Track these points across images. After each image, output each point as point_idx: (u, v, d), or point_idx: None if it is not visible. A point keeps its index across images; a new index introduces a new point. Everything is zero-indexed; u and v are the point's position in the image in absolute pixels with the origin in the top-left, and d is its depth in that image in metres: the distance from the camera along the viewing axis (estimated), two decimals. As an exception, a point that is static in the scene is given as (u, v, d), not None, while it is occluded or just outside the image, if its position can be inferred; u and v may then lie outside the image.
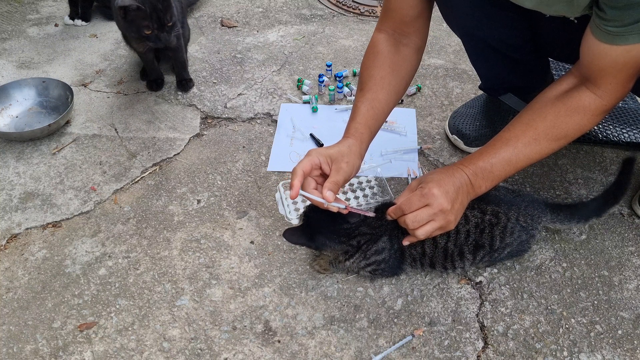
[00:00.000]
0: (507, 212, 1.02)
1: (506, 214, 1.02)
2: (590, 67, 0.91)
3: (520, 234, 1.03)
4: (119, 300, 1.07)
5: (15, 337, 1.02)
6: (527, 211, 1.04)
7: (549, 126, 0.95)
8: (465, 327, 1.02)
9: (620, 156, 1.36)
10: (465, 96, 1.56)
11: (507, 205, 1.03)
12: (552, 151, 0.98)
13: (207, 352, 0.99)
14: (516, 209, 1.03)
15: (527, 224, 1.04)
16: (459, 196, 0.94)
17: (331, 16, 1.96)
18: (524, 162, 0.97)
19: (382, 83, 1.05)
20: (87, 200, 1.27)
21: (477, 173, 0.96)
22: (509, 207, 1.03)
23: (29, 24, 1.92)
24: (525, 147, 0.96)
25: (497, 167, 0.96)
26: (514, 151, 0.96)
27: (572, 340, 1.00)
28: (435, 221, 0.93)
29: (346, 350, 0.99)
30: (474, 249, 1.02)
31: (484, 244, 1.02)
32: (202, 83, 1.63)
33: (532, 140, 0.95)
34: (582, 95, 0.93)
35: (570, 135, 0.96)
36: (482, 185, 0.96)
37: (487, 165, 0.96)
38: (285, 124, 1.47)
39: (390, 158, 1.36)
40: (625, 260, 1.13)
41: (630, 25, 0.79)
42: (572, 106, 0.94)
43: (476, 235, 1.01)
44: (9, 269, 1.13)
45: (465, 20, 1.13)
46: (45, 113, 1.52)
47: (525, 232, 1.04)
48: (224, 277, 1.11)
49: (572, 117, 0.94)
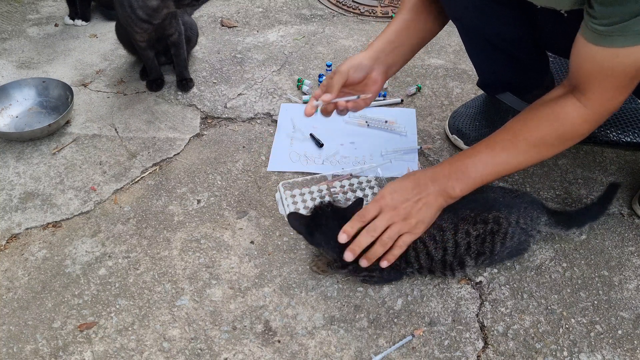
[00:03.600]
0: (508, 217, 1.02)
1: (507, 219, 1.01)
2: (578, 72, 0.89)
3: (520, 236, 1.04)
4: (119, 300, 1.07)
5: (15, 337, 1.02)
6: (527, 212, 1.04)
7: (528, 131, 0.94)
8: (465, 327, 1.02)
9: (620, 156, 1.36)
10: (465, 96, 1.56)
11: (508, 209, 1.02)
12: (532, 159, 0.96)
13: (207, 352, 0.99)
14: (516, 211, 1.03)
15: (527, 225, 1.04)
16: (420, 193, 0.94)
17: (331, 16, 1.96)
18: (502, 167, 0.96)
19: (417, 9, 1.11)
20: (87, 200, 1.27)
21: (450, 174, 0.95)
22: (510, 211, 1.02)
23: (29, 24, 1.92)
24: (503, 150, 0.95)
25: (472, 168, 0.95)
26: (491, 153, 0.95)
27: (572, 340, 1.00)
28: (396, 224, 0.93)
29: (346, 350, 0.99)
30: (476, 256, 1.03)
31: (485, 251, 1.02)
32: (202, 83, 1.63)
33: (510, 144, 0.94)
34: (566, 102, 0.91)
35: (549, 142, 0.94)
36: (455, 186, 0.95)
37: (462, 165, 0.95)
38: (285, 124, 1.47)
39: (390, 158, 1.36)
40: (625, 260, 1.13)
41: (617, 24, 0.77)
42: (554, 112, 0.92)
43: (477, 245, 1.01)
44: (9, 269, 1.13)
45: (464, 13, 1.13)
46: (45, 113, 1.52)
47: (525, 233, 1.04)
48: (224, 277, 1.11)
49: (552, 123, 0.92)
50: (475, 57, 1.31)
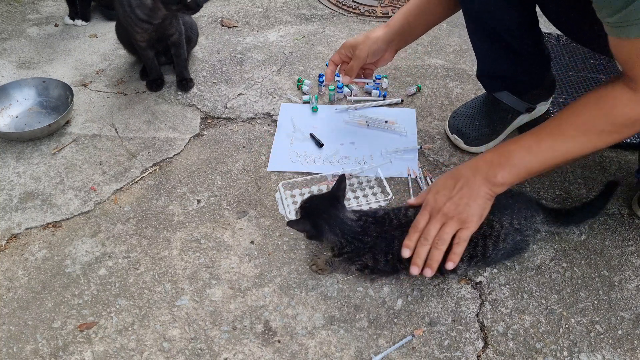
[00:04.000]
0: (501, 219, 1.01)
1: (500, 222, 1.00)
2: (619, 60, 0.88)
3: (514, 236, 1.03)
4: (119, 300, 1.07)
5: (15, 337, 1.02)
6: (521, 213, 1.03)
7: (575, 115, 0.90)
8: (465, 327, 1.02)
9: (620, 156, 1.36)
10: (465, 96, 1.56)
11: (501, 211, 1.01)
12: (583, 146, 0.91)
13: (207, 352, 0.99)
14: (510, 213, 1.02)
15: (521, 226, 1.03)
16: (462, 187, 0.93)
17: (331, 16, 1.96)
18: (549, 154, 0.91)
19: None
20: (87, 200, 1.27)
21: (492, 160, 0.93)
22: (503, 213, 1.01)
23: (29, 24, 1.92)
24: (549, 136, 0.91)
25: (516, 154, 0.91)
26: (536, 139, 0.92)
27: (572, 340, 1.00)
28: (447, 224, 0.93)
29: (346, 350, 0.99)
30: (468, 259, 1.02)
31: (477, 254, 1.02)
32: (202, 83, 1.63)
33: (557, 130, 0.90)
34: (614, 87, 0.88)
35: (599, 127, 0.89)
36: (497, 173, 0.92)
37: (505, 151, 0.93)
38: (285, 124, 1.47)
39: (390, 158, 1.36)
40: (625, 260, 1.13)
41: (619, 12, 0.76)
42: (601, 96, 0.89)
43: (469, 249, 1.00)
44: (9, 269, 1.13)
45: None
46: (45, 113, 1.52)
47: (520, 234, 1.03)
48: (224, 277, 1.11)
49: (600, 106, 0.88)
50: (478, 45, 1.30)
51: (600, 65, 1.66)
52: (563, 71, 1.63)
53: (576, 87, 1.57)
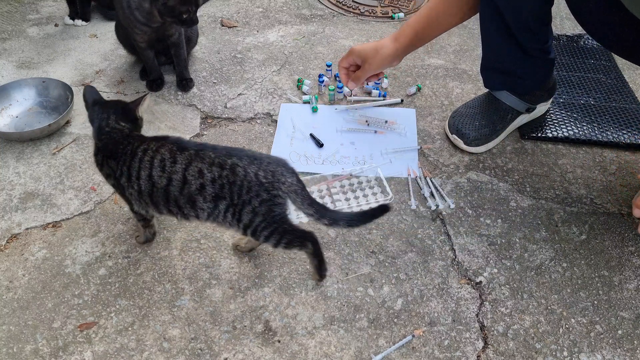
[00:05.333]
0: (246, 167, 0.95)
1: (244, 168, 0.95)
2: None
3: (259, 191, 0.95)
4: (119, 300, 1.07)
5: (15, 337, 1.02)
6: (269, 168, 0.96)
7: None
8: (465, 327, 1.02)
9: (620, 156, 1.36)
10: (465, 96, 1.56)
11: (249, 159, 0.96)
12: None
13: (207, 352, 0.99)
14: (258, 164, 0.96)
15: (267, 181, 0.95)
16: None
17: (331, 16, 1.96)
18: None
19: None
20: (87, 200, 1.27)
21: None
22: (251, 161, 0.96)
23: (29, 24, 1.92)
24: None
25: None
26: None
27: (572, 340, 1.00)
28: None
29: (346, 350, 0.99)
30: (213, 199, 0.96)
31: (224, 196, 0.96)
32: (202, 83, 1.63)
33: None
34: None
35: None
36: None
37: None
38: (285, 124, 1.47)
39: (390, 158, 1.36)
40: (625, 260, 1.13)
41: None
42: None
43: (215, 189, 0.95)
44: (9, 269, 1.13)
45: None
46: (45, 113, 1.52)
47: (266, 191, 0.95)
48: (224, 277, 1.11)
49: None
50: (489, 35, 1.29)
51: (601, 65, 1.66)
52: (563, 71, 1.63)
53: (576, 87, 1.57)
